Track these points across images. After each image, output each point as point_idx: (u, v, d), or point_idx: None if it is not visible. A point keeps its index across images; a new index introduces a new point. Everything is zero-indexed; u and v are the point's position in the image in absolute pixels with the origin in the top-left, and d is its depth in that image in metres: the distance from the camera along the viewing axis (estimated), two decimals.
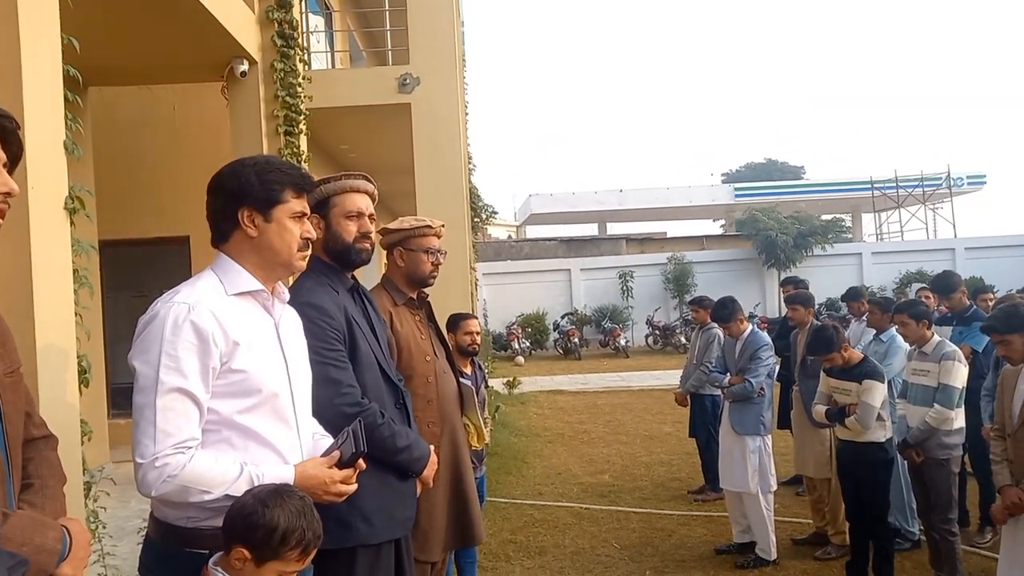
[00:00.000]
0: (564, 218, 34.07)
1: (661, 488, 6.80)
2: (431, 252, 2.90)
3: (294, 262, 1.95)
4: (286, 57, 6.00)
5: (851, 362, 4.31)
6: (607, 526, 5.77)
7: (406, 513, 2.44)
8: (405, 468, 2.42)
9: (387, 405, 2.41)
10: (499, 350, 18.96)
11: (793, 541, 5.26)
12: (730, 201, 31.81)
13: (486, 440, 3.42)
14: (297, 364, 1.97)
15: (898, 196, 26.53)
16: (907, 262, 20.96)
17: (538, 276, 21.34)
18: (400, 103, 8.03)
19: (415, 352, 2.82)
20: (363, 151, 10.26)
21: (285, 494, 1.65)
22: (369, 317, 2.51)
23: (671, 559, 5.04)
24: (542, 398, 12.39)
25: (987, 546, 4.93)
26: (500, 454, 7.82)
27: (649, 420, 10.05)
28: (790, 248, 19.75)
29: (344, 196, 2.46)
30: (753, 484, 4.89)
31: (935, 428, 4.19)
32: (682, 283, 20.48)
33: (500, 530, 5.67)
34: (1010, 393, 3.44)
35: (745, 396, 4.97)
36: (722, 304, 5.26)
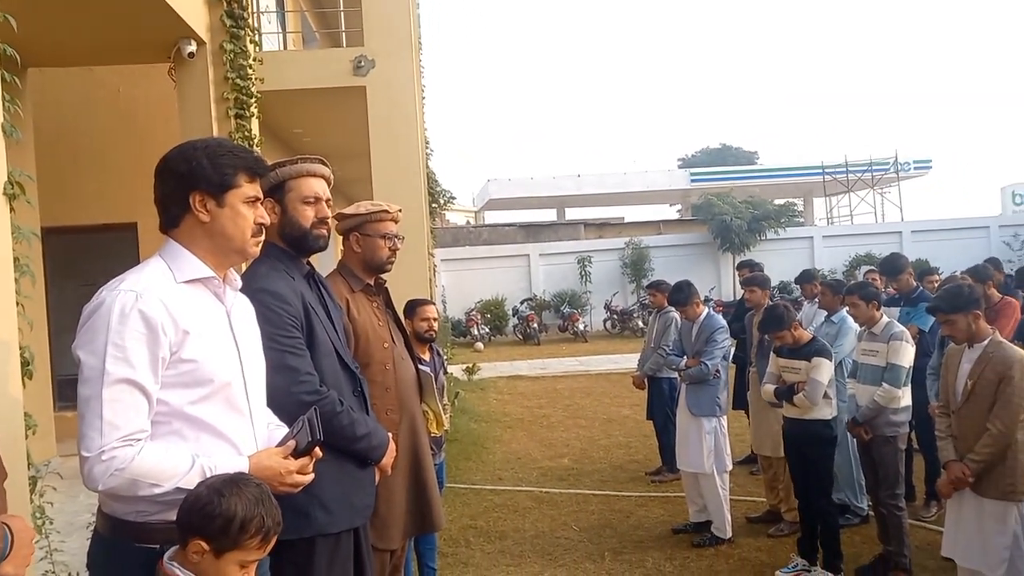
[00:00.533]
0: (522, 203, 34.06)
1: (619, 470, 6.88)
2: (388, 237, 2.86)
3: (248, 248, 1.91)
4: (236, 38, 5.84)
5: (800, 341, 4.41)
6: (566, 509, 5.82)
7: (365, 501, 2.42)
8: (364, 456, 2.40)
9: (345, 393, 2.38)
10: (458, 336, 18.92)
11: (747, 519, 5.38)
12: (686, 186, 32.18)
13: (445, 427, 3.41)
14: (250, 352, 1.93)
15: (848, 181, 27.15)
16: (856, 245, 21.49)
17: (497, 262, 21.32)
18: (355, 86, 7.90)
19: (373, 339, 2.78)
20: (317, 135, 10.08)
21: (241, 482, 1.62)
22: (325, 304, 2.47)
23: (629, 540, 5.12)
24: (501, 384, 12.42)
25: (932, 520, 5.11)
26: (460, 440, 7.83)
27: (608, 403, 10.15)
28: (744, 232, 20.07)
29: (300, 180, 2.41)
30: (709, 464, 4.98)
31: (883, 406, 4.30)
32: (639, 268, 20.68)
33: (460, 516, 5.68)
34: (954, 371, 3.56)
35: (701, 378, 5.05)
36: (678, 288, 5.33)
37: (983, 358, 3.41)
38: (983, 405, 3.36)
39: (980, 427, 3.36)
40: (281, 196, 2.39)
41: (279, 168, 2.38)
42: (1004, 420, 3.29)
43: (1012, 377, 3.30)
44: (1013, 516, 3.31)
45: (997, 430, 3.29)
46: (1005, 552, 3.29)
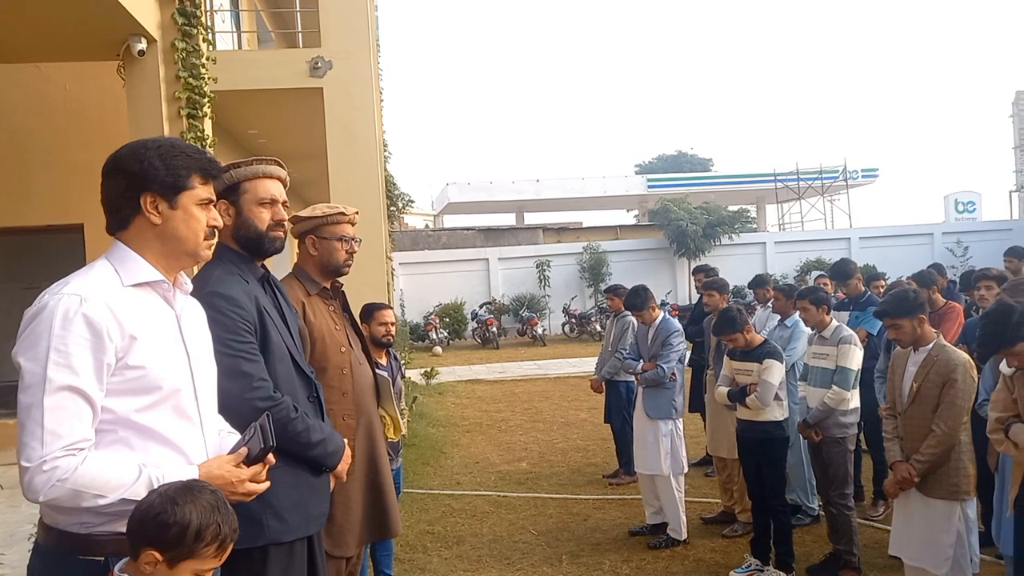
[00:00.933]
0: (482, 207, 34.03)
1: (577, 473, 6.91)
2: (345, 240, 2.83)
3: (200, 251, 1.87)
4: (188, 36, 5.71)
5: (752, 344, 4.49)
6: (524, 513, 5.82)
7: (320, 508, 2.39)
8: (319, 463, 2.36)
9: (300, 398, 2.34)
10: (416, 340, 18.81)
11: (702, 520, 5.45)
12: (643, 192, 32.52)
13: (403, 432, 3.38)
14: (200, 358, 1.88)
15: (799, 188, 27.78)
16: (807, 251, 22.00)
17: (456, 266, 21.26)
18: (312, 87, 7.80)
19: (329, 343, 2.75)
20: (273, 136, 9.93)
21: (195, 489, 1.58)
22: (280, 307, 2.42)
23: (587, 543, 5.14)
24: (460, 388, 12.38)
25: (880, 519, 5.25)
26: (417, 445, 7.77)
27: (566, 407, 10.19)
28: (700, 238, 20.39)
29: (256, 182, 2.37)
30: (665, 467, 5.04)
31: (833, 408, 4.40)
32: (598, 272, 20.83)
33: (417, 521, 5.64)
34: (900, 374, 3.67)
35: (657, 381, 5.10)
36: (635, 293, 5.38)
37: (928, 361, 3.52)
38: (928, 407, 3.47)
39: (925, 428, 3.46)
40: (236, 198, 2.34)
41: (234, 169, 2.34)
42: (948, 422, 3.40)
43: (955, 380, 3.41)
44: (957, 515, 3.42)
45: (941, 431, 3.40)
46: (950, 550, 3.39)
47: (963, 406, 3.42)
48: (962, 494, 3.42)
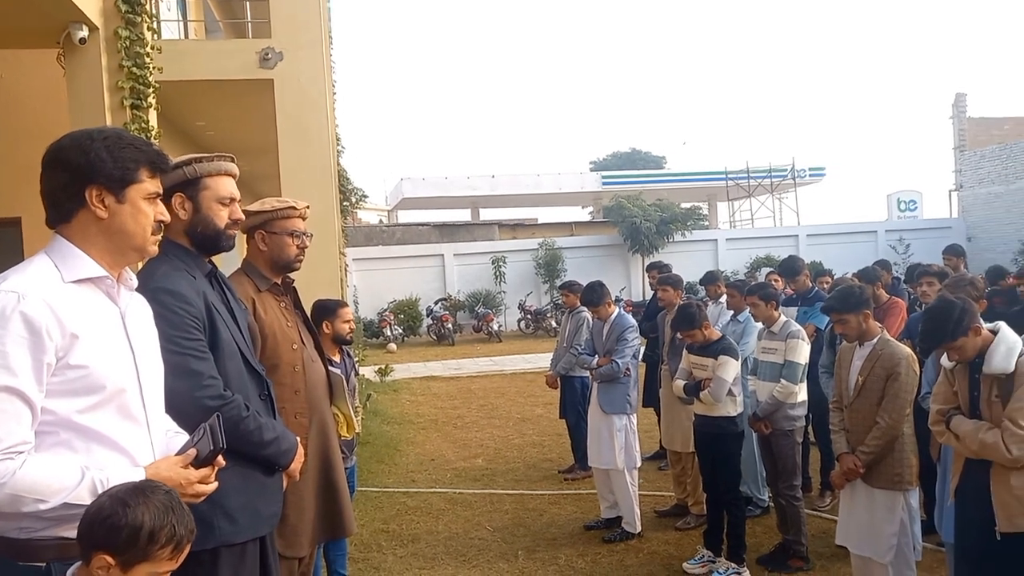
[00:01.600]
0: (437, 203, 33.85)
1: (533, 469, 6.93)
2: (296, 235, 2.78)
3: (147, 246, 1.81)
4: (132, 24, 5.52)
5: (710, 340, 4.56)
6: (480, 510, 5.82)
7: (272, 509, 2.34)
8: (271, 462, 2.31)
9: (251, 397, 2.29)
10: (370, 337, 18.62)
11: (656, 513, 5.52)
12: (597, 188, 32.77)
13: (356, 430, 3.33)
14: (146, 356, 1.82)
15: (749, 186, 28.34)
16: (757, 248, 22.46)
17: (410, 261, 21.09)
18: (262, 79, 7.64)
19: (281, 340, 2.69)
20: (221, 129, 9.70)
21: (148, 490, 1.53)
22: (229, 304, 2.36)
23: (542, 538, 5.16)
24: (415, 385, 12.30)
25: (827, 509, 5.39)
26: (372, 443, 7.70)
27: (522, 403, 10.21)
28: (653, 234, 20.62)
29: (218, 179, 2.32)
30: (620, 461, 5.08)
31: (782, 402, 4.50)
32: (553, 268, 20.91)
33: (372, 520, 5.59)
34: (847, 368, 3.76)
35: (612, 377, 5.14)
36: (591, 288, 5.41)
37: (873, 355, 3.62)
38: (873, 400, 3.57)
39: (870, 421, 3.56)
40: (195, 193, 2.28)
41: (196, 164, 2.28)
42: (892, 414, 3.50)
43: (899, 373, 3.51)
44: (900, 504, 3.53)
45: (886, 423, 3.50)
46: (893, 539, 3.50)
47: (906, 399, 3.52)
48: (905, 484, 3.53)
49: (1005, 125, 25.26)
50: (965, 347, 2.97)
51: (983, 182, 23.31)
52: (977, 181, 23.55)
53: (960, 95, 25.11)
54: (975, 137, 24.63)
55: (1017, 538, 2.81)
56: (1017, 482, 2.82)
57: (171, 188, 2.22)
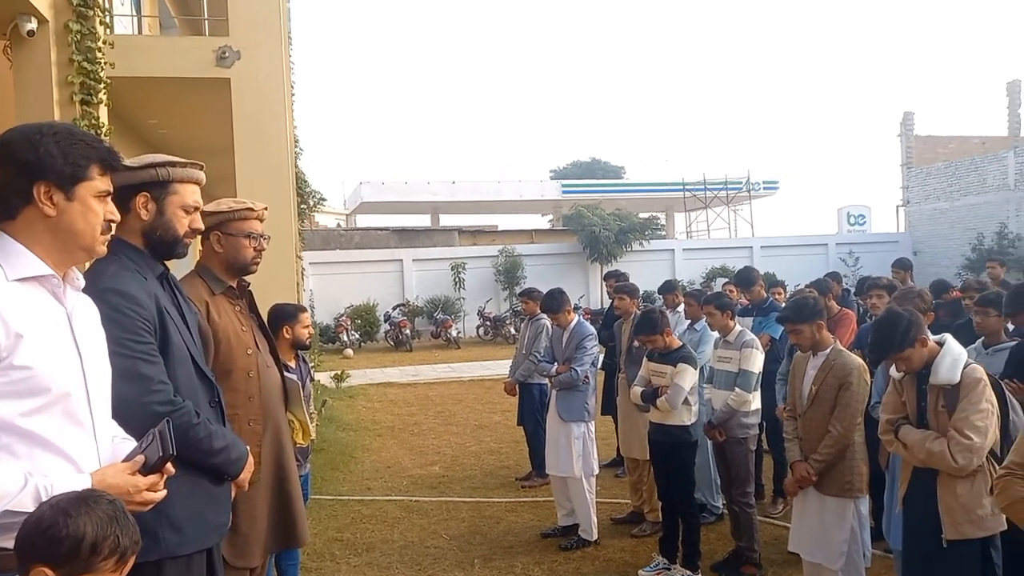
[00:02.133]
0: (396, 208, 33.65)
1: (490, 476, 6.90)
2: (253, 237, 2.71)
3: (96, 246, 1.75)
4: (83, 18, 5.36)
5: (671, 347, 4.60)
6: (436, 518, 5.76)
7: (220, 519, 2.27)
8: (221, 471, 2.24)
9: (201, 403, 2.22)
10: (327, 342, 18.37)
11: (612, 520, 5.54)
12: (558, 197, 32.96)
13: (312, 437, 3.27)
14: (94, 359, 1.75)
15: (706, 198, 28.82)
16: (712, 258, 22.84)
17: (369, 266, 20.90)
18: (218, 78, 7.48)
19: (235, 345, 2.62)
20: (175, 127, 9.47)
21: (90, 500, 1.47)
22: (180, 307, 2.29)
23: (499, 546, 5.13)
24: (372, 391, 12.17)
25: (779, 516, 5.48)
26: (327, 450, 7.57)
27: (479, 410, 10.18)
28: (612, 243, 20.83)
29: (187, 186, 2.27)
30: (577, 469, 5.09)
31: (736, 410, 4.56)
32: (512, 275, 20.93)
33: (325, 528, 5.49)
34: (801, 377, 3.83)
35: (571, 384, 5.15)
36: (551, 296, 5.43)
37: (826, 365, 3.69)
38: (825, 409, 3.64)
39: (823, 429, 3.63)
40: (162, 196, 2.22)
41: (170, 167, 2.22)
42: (843, 423, 3.58)
43: (851, 383, 3.59)
44: (851, 512, 3.60)
45: (837, 432, 3.57)
46: (844, 545, 3.57)
47: (857, 408, 3.60)
48: (855, 492, 3.60)
49: (950, 144, 26.21)
50: (912, 358, 3.05)
51: (929, 198, 24.12)
52: (923, 197, 24.35)
53: (908, 114, 25.97)
54: (922, 155, 25.49)
55: (963, 545, 2.89)
56: (963, 490, 2.90)
57: (137, 187, 2.17)
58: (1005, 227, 20.89)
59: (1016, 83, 25.55)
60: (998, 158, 22.00)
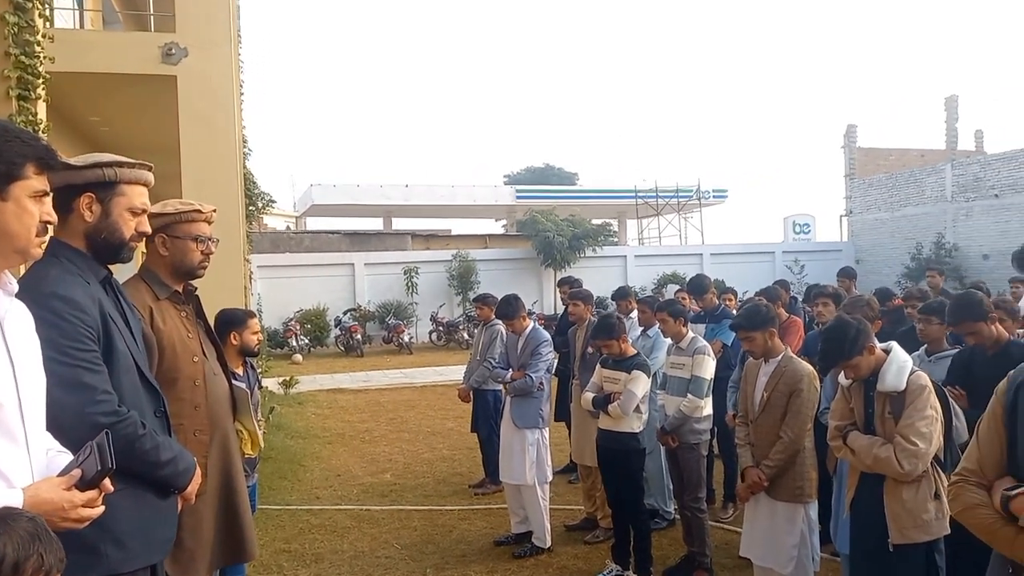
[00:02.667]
0: (347, 211, 33.25)
1: (443, 484, 6.83)
2: (200, 240, 2.62)
3: (31, 248, 1.67)
4: (21, 10, 5.13)
5: (625, 354, 4.61)
6: (388, 527, 5.67)
7: (166, 534, 2.17)
8: (168, 484, 2.15)
9: (146, 413, 2.12)
10: (275, 348, 18.00)
11: (566, 527, 5.53)
12: (512, 202, 33.03)
13: (261, 446, 3.17)
14: (27, 368, 1.66)
15: (657, 205, 29.22)
16: (664, 265, 23.14)
17: (319, 270, 20.57)
18: (164, 75, 7.28)
19: (181, 352, 2.52)
20: (118, 125, 9.17)
21: (9, 519, 1.38)
22: (124, 313, 2.19)
23: (451, 555, 5.07)
24: (321, 397, 11.96)
25: (730, 520, 5.54)
26: (274, 458, 7.40)
27: (432, 416, 10.08)
28: (565, 249, 20.93)
29: (134, 187, 2.17)
30: (531, 476, 5.07)
31: (688, 416, 4.60)
32: (466, 280, 20.84)
33: (272, 539, 5.35)
34: (752, 383, 3.88)
35: (526, 390, 5.13)
36: (507, 302, 5.40)
37: (777, 372, 3.75)
38: (777, 415, 3.69)
39: (774, 435, 3.68)
40: (108, 197, 2.12)
41: (118, 167, 2.12)
42: (794, 429, 3.63)
43: (801, 390, 3.65)
44: (801, 516, 3.66)
45: (788, 438, 3.62)
46: (794, 550, 3.62)
47: (807, 414, 3.66)
48: (806, 497, 3.66)
49: (891, 156, 27.14)
50: (861, 365, 3.11)
51: (870, 208, 24.91)
52: (865, 207, 25.14)
53: (851, 126, 26.81)
54: (864, 166, 26.33)
55: (908, 549, 2.96)
56: (908, 495, 2.97)
57: (81, 187, 2.07)
58: (943, 237, 21.71)
59: (954, 98, 26.61)
60: (936, 170, 22.86)
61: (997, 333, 3.68)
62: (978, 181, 21.34)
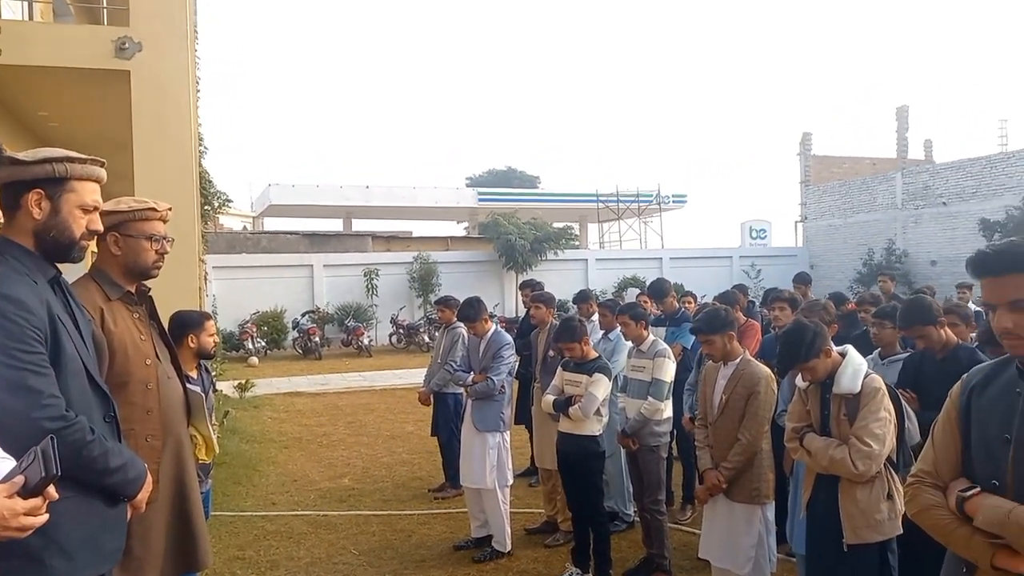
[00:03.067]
0: (306, 211, 32.80)
1: (402, 488, 6.76)
2: (155, 239, 2.54)
3: None
4: None
5: (586, 357, 4.62)
6: (345, 532, 5.59)
7: (115, 544, 2.10)
8: (117, 491, 2.08)
9: (95, 418, 2.05)
10: (230, 350, 17.66)
11: (526, 531, 5.52)
12: (474, 204, 32.97)
13: (216, 451, 3.09)
14: None
15: (618, 209, 29.48)
16: (624, 268, 23.36)
17: (277, 271, 20.25)
18: (117, 69, 7.07)
19: (132, 355, 2.44)
20: (67, 121, 8.88)
21: None
22: (73, 313, 2.11)
23: (410, 560, 5.02)
24: (278, 401, 11.76)
25: (688, 522, 5.59)
26: (229, 463, 7.24)
27: (391, 420, 9.99)
28: (527, 252, 20.96)
29: (86, 184, 2.08)
30: (491, 479, 5.05)
31: (648, 418, 4.63)
32: (427, 282, 20.73)
33: (226, 547, 5.23)
34: (711, 386, 3.92)
35: (488, 394, 5.11)
36: (469, 304, 5.37)
37: (735, 375, 3.79)
38: (735, 417, 3.74)
39: (732, 437, 3.72)
40: (58, 194, 2.03)
41: (68, 163, 2.04)
42: (752, 431, 3.68)
43: (759, 392, 3.70)
44: (758, 518, 3.70)
45: (746, 440, 3.67)
46: (751, 551, 3.66)
47: (765, 416, 3.71)
48: (763, 498, 3.71)
49: (844, 163, 27.82)
50: (817, 368, 3.16)
51: (824, 215, 25.50)
52: (819, 214, 25.72)
53: (806, 134, 27.41)
54: (818, 173, 26.94)
55: (862, 549, 3.01)
56: (862, 496, 3.02)
57: (30, 183, 1.99)
58: (893, 243, 22.33)
59: (904, 108, 27.37)
60: (887, 178, 23.51)
61: (946, 337, 3.77)
62: (927, 189, 22.01)
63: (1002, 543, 1.73)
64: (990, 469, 1.82)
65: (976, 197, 20.52)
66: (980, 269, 1.84)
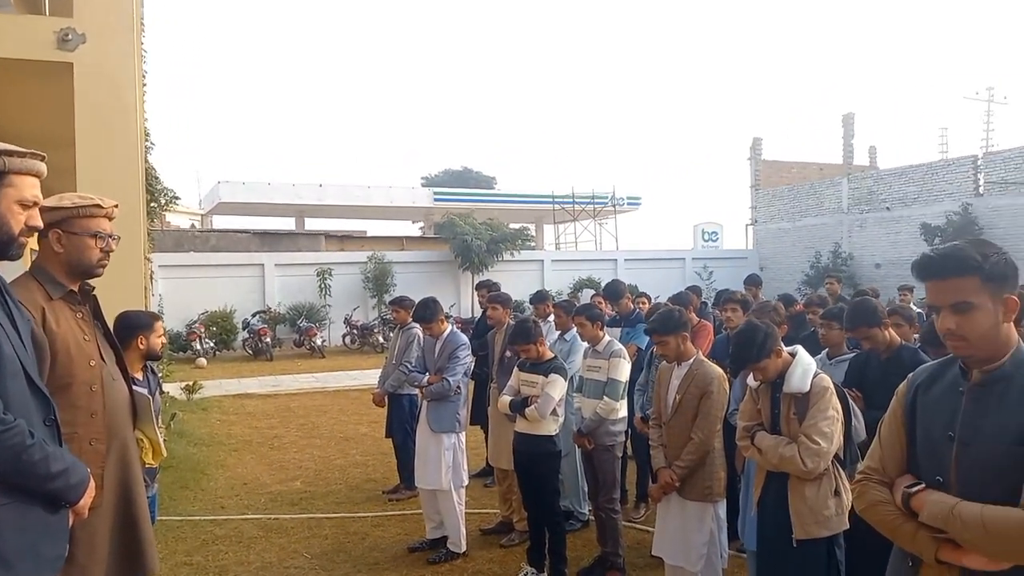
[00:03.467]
0: (257, 209, 32.19)
1: (356, 491, 6.68)
2: (100, 237, 2.46)
3: None
4: None
5: (542, 358, 4.63)
6: (297, 536, 5.50)
7: (56, 551, 2.02)
8: (59, 497, 2.00)
9: (35, 422, 1.97)
10: (177, 351, 17.22)
11: (481, 531, 5.51)
12: (429, 204, 32.81)
13: (163, 455, 3.01)
14: None
15: (574, 211, 29.68)
16: (580, 269, 23.53)
17: (226, 270, 19.82)
18: (59, 61, 6.82)
19: (76, 356, 2.36)
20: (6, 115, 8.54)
21: None
22: (11, 314, 2.03)
23: (364, 563, 4.97)
24: (227, 403, 11.50)
25: (641, 520, 5.65)
26: (176, 467, 7.06)
27: (345, 421, 9.87)
28: (484, 253, 20.94)
29: (24, 178, 2.00)
30: (447, 480, 5.02)
31: (604, 418, 4.66)
32: (382, 282, 20.53)
33: (173, 552, 5.10)
34: (665, 386, 3.97)
35: (443, 395, 5.08)
36: (424, 305, 5.34)
37: (689, 375, 3.85)
38: (688, 417, 3.79)
39: (686, 436, 3.77)
40: None
41: (6, 156, 1.95)
42: (704, 430, 3.74)
43: (711, 392, 3.76)
44: (710, 515, 3.76)
45: (699, 439, 3.73)
46: (704, 548, 3.72)
47: (717, 415, 3.78)
48: (715, 496, 3.77)
49: (792, 168, 28.51)
50: (768, 368, 3.23)
51: (774, 218, 26.09)
52: (769, 217, 26.31)
53: (757, 139, 28.02)
54: (768, 177, 27.55)
55: (811, 544, 3.08)
56: (810, 493, 3.10)
57: None
58: (839, 247, 22.97)
59: (851, 116, 28.17)
60: (834, 183, 24.17)
61: (890, 338, 3.89)
62: (871, 195, 22.70)
63: (946, 537, 1.78)
64: (935, 466, 1.88)
65: (918, 202, 21.24)
66: (924, 272, 1.90)
